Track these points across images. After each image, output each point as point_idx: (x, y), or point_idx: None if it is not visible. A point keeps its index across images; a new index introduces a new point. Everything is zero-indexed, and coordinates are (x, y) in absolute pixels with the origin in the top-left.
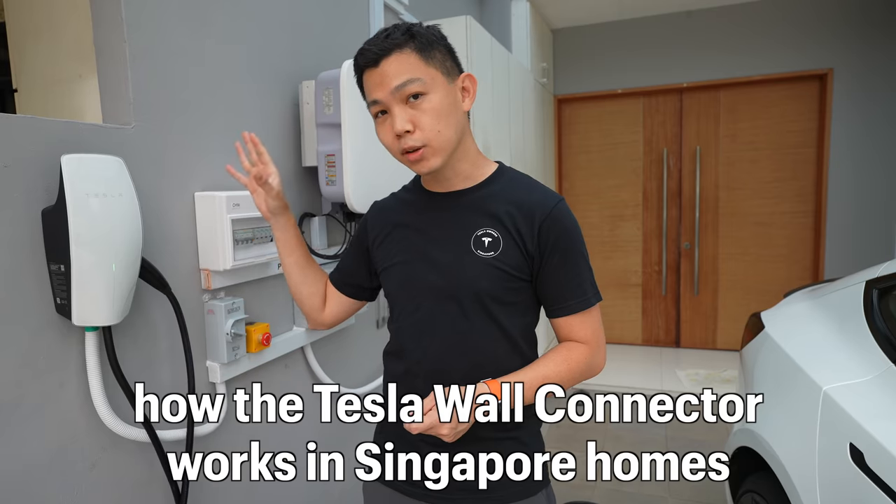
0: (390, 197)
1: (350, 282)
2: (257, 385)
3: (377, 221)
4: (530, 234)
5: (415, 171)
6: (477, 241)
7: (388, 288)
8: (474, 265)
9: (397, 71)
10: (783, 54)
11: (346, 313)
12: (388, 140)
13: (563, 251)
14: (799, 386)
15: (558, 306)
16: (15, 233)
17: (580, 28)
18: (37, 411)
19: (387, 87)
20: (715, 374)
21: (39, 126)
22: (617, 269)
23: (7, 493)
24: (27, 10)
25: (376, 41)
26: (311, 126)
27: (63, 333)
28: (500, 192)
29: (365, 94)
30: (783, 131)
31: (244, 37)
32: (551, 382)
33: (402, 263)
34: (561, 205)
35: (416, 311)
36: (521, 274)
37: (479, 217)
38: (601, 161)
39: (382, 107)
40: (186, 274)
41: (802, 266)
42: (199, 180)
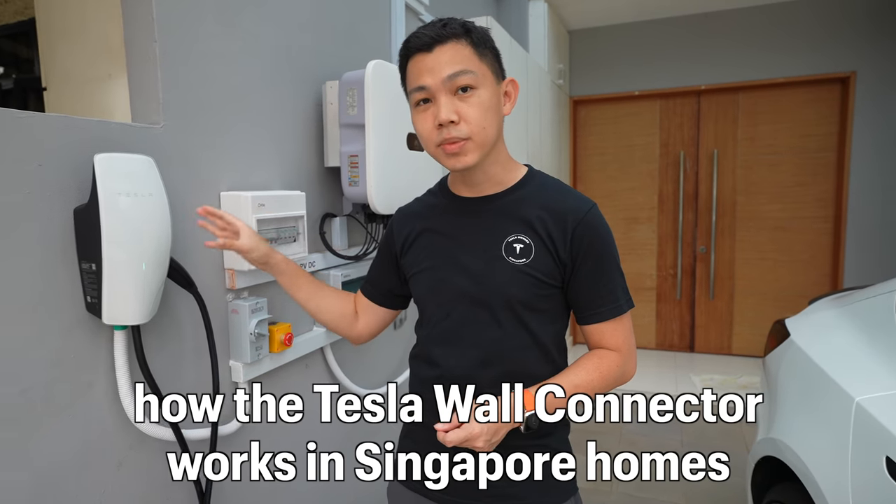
0: (415, 202)
1: (381, 291)
2: (258, 385)
3: (404, 227)
4: (563, 240)
5: (448, 165)
6: (508, 247)
7: (416, 293)
8: (505, 271)
9: (452, 60)
10: (804, 56)
11: (383, 323)
12: (427, 129)
13: (597, 257)
14: (828, 396)
15: (590, 313)
16: (48, 231)
17: (597, 29)
18: (66, 409)
19: (439, 74)
20: (731, 380)
21: (72, 125)
22: (631, 272)
23: (38, 489)
24: (58, 9)
25: (432, 28)
26: (334, 126)
27: (93, 332)
28: (531, 197)
29: (408, 79)
30: (803, 135)
31: (270, 37)
32: (583, 392)
33: (430, 269)
34: (594, 210)
35: (445, 318)
36: (553, 280)
37: (511, 223)
38: (616, 163)
39: (427, 94)
40: (211, 273)
41: (821, 272)
42: (224, 180)
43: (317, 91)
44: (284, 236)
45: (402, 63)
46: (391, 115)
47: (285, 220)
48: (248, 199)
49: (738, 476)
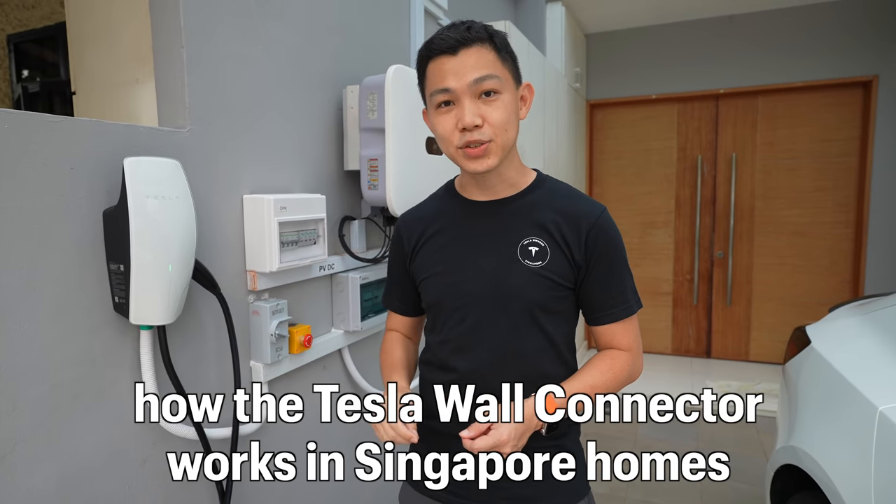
0: (420, 206)
1: (415, 303)
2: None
3: (412, 231)
4: (577, 243)
5: (470, 168)
6: (523, 249)
7: (428, 298)
8: (521, 275)
9: (477, 63)
10: (826, 60)
11: (423, 326)
12: (448, 131)
13: (609, 260)
14: (851, 404)
15: (602, 314)
16: (78, 233)
17: (614, 33)
18: (93, 406)
19: (464, 77)
20: (748, 387)
21: (103, 129)
22: (647, 276)
23: (66, 485)
24: (88, 14)
25: (456, 30)
26: (354, 130)
27: (120, 331)
28: (543, 201)
29: (429, 80)
30: (824, 139)
31: (291, 43)
32: (600, 392)
33: (443, 273)
34: (606, 214)
35: (461, 322)
36: (567, 283)
37: (525, 226)
38: (633, 167)
39: (450, 97)
40: (233, 275)
41: (841, 278)
42: (248, 183)
43: (337, 95)
44: (305, 239)
45: (423, 64)
46: (411, 119)
47: (306, 223)
48: (270, 201)
49: (757, 484)
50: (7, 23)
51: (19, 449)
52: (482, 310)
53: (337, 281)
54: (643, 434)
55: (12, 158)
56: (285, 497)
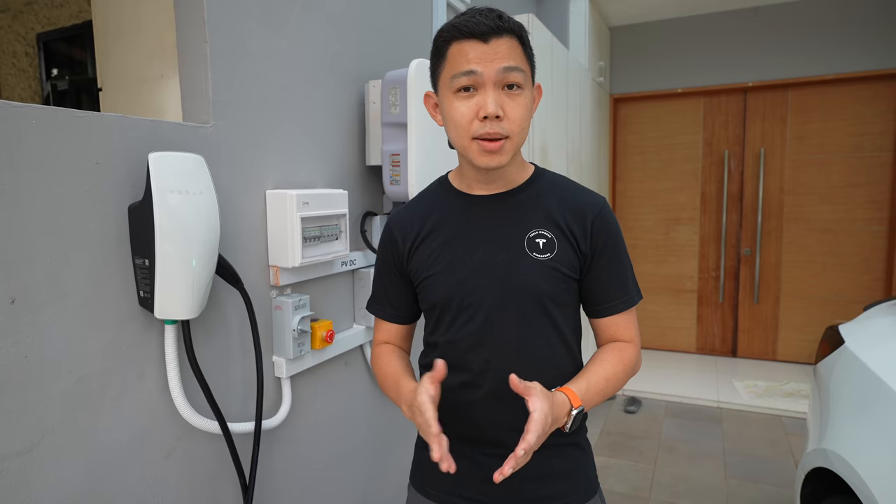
0: (410, 204)
1: (408, 309)
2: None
3: (406, 230)
4: (583, 233)
5: (481, 163)
6: (531, 242)
7: (432, 298)
8: (531, 268)
9: (508, 54)
10: (858, 52)
11: (413, 335)
12: (467, 119)
13: (612, 251)
14: (886, 405)
15: (604, 306)
16: (104, 227)
17: (639, 25)
18: (118, 400)
19: (495, 63)
20: (776, 387)
21: (128, 124)
22: (671, 273)
23: (92, 477)
24: (114, 11)
25: (487, 16)
26: (376, 125)
27: (144, 326)
28: (546, 193)
29: (450, 62)
30: (857, 134)
31: (314, 38)
32: (612, 385)
33: (447, 271)
34: (607, 205)
35: (470, 321)
36: (574, 274)
37: (530, 218)
38: (657, 162)
39: (474, 81)
40: (256, 270)
41: (874, 277)
42: (270, 178)
43: (359, 90)
44: (327, 234)
45: (444, 45)
46: None
47: (328, 219)
48: (293, 196)
49: (786, 487)
50: (37, 21)
51: (47, 440)
52: (492, 306)
53: (359, 276)
54: (667, 434)
55: (39, 153)
56: (306, 491)
